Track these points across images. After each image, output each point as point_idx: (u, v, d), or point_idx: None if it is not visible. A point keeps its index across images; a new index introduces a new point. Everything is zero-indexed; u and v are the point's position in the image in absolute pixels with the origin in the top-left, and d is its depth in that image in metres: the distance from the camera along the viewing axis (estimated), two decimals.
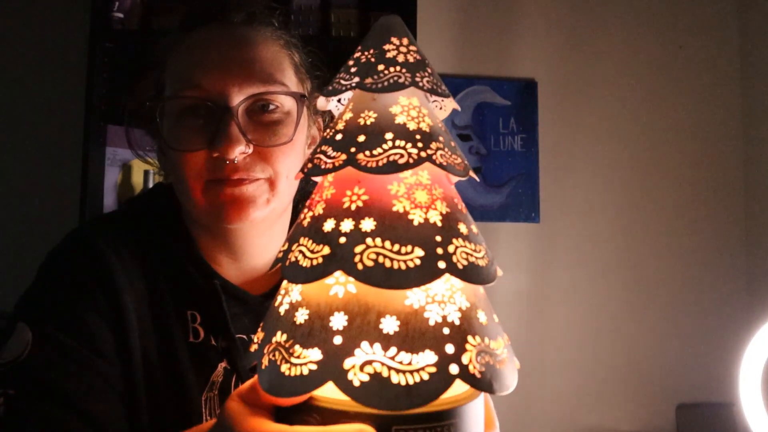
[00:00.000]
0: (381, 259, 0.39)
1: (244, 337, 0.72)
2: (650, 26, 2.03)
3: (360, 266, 0.38)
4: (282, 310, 0.42)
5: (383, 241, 0.39)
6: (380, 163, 0.41)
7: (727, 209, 2.01)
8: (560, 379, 1.90)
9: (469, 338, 0.39)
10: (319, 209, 0.43)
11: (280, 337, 0.40)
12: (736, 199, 2.02)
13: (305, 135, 0.75)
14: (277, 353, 0.40)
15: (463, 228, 0.42)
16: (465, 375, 0.37)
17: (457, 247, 0.41)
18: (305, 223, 0.44)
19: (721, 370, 1.86)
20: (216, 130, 0.65)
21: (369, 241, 0.39)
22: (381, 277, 0.38)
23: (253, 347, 0.43)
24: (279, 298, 0.44)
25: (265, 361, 0.40)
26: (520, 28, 1.98)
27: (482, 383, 0.38)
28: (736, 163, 2.03)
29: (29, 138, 1.76)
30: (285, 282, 0.44)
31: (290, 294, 0.43)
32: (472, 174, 0.45)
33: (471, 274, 0.40)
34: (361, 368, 0.37)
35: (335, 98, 0.50)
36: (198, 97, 0.67)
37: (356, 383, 0.36)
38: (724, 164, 2.03)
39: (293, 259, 0.41)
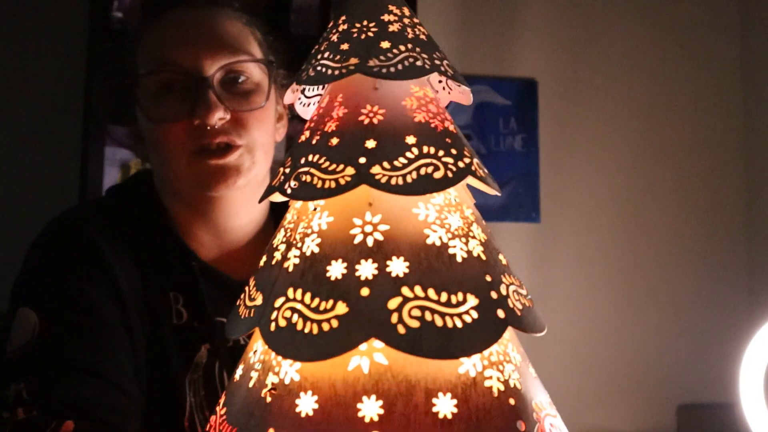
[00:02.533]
0: (429, 316, 0.28)
1: (225, 320, 0.73)
2: (650, 26, 2.02)
3: (402, 329, 0.27)
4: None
5: (425, 290, 0.29)
6: (408, 179, 0.30)
7: (728, 209, 2.01)
8: (560, 379, 1.90)
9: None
10: (311, 246, 0.30)
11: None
12: (736, 198, 2.02)
13: (274, 108, 0.77)
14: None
15: (503, 258, 0.33)
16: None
17: (508, 286, 0.32)
18: (290, 267, 0.30)
19: (721, 370, 1.85)
20: (194, 100, 0.68)
21: (405, 291, 0.28)
22: (435, 342, 0.28)
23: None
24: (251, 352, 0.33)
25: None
26: (521, 27, 1.97)
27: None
28: (736, 163, 2.03)
29: (29, 138, 1.75)
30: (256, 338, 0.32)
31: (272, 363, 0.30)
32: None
33: (528, 320, 0.32)
34: None
35: (299, 91, 0.39)
36: (173, 71, 0.70)
37: None
38: (724, 164, 2.02)
39: (282, 322, 0.29)
